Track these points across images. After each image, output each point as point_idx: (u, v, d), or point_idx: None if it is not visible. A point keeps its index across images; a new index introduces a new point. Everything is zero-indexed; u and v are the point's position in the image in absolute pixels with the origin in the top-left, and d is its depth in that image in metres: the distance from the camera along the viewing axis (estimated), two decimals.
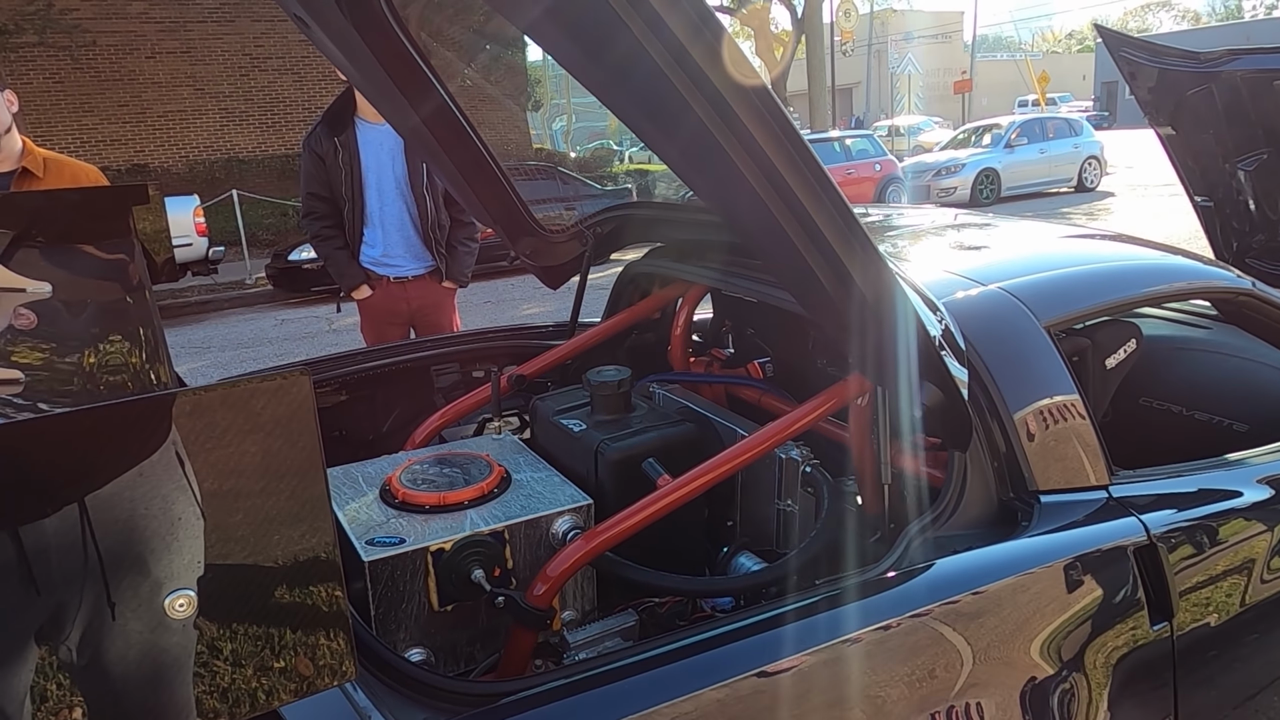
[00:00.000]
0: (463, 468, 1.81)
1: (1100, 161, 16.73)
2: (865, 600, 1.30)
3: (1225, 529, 1.66)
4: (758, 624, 1.25)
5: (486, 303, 9.13)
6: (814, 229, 1.23)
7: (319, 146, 3.40)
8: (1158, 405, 2.58)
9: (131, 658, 0.70)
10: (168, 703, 0.73)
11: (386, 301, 3.54)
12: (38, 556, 0.65)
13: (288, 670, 0.77)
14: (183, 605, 0.66)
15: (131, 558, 0.69)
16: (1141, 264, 2.03)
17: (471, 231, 3.61)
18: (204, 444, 0.67)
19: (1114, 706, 1.45)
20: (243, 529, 0.70)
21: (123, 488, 0.68)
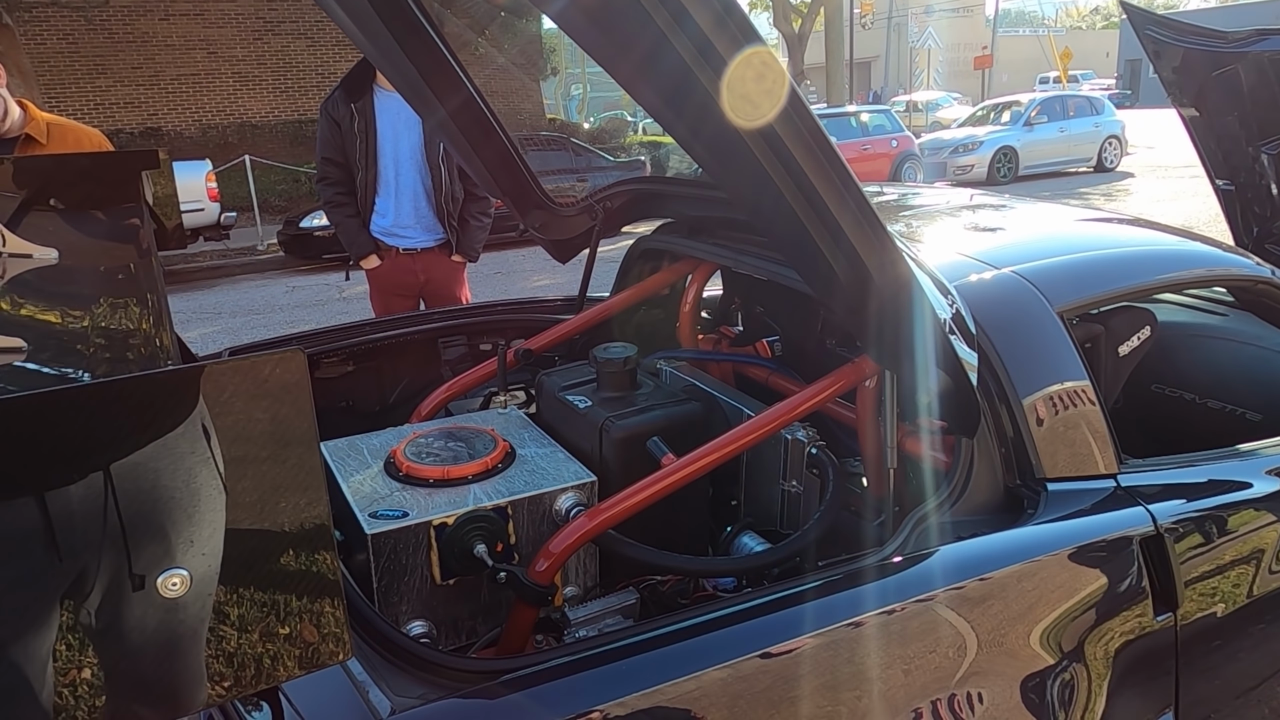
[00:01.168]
0: (467, 442, 1.81)
1: (1121, 141, 16.48)
2: (868, 585, 1.29)
3: (1234, 520, 1.65)
4: (759, 606, 1.24)
5: (497, 274, 9.11)
6: (822, 207, 1.21)
7: (335, 112, 3.38)
8: (1170, 393, 2.55)
9: (149, 625, 0.70)
10: (181, 670, 0.73)
11: (395, 273, 3.52)
12: (62, 523, 0.65)
13: (293, 638, 0.77)
14: (175, 585, 0.66)
15: (153, 526, 0.69)
16: (1158, 250, 1.99)
17: (485, 206, 3.58)
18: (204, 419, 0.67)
19: (1114, 696, 1.45)
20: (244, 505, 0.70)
21: (146, 458, 0.68)
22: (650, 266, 2.61)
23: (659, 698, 1.10)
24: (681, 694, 1.11)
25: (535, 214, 2.50)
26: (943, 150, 15.61)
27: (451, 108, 2.19)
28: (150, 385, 0.70)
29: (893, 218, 2.32)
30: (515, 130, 2.47)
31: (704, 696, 1.12)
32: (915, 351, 1.41)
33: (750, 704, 1.14)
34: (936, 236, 2.14)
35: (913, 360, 1.44)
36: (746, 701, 1.14)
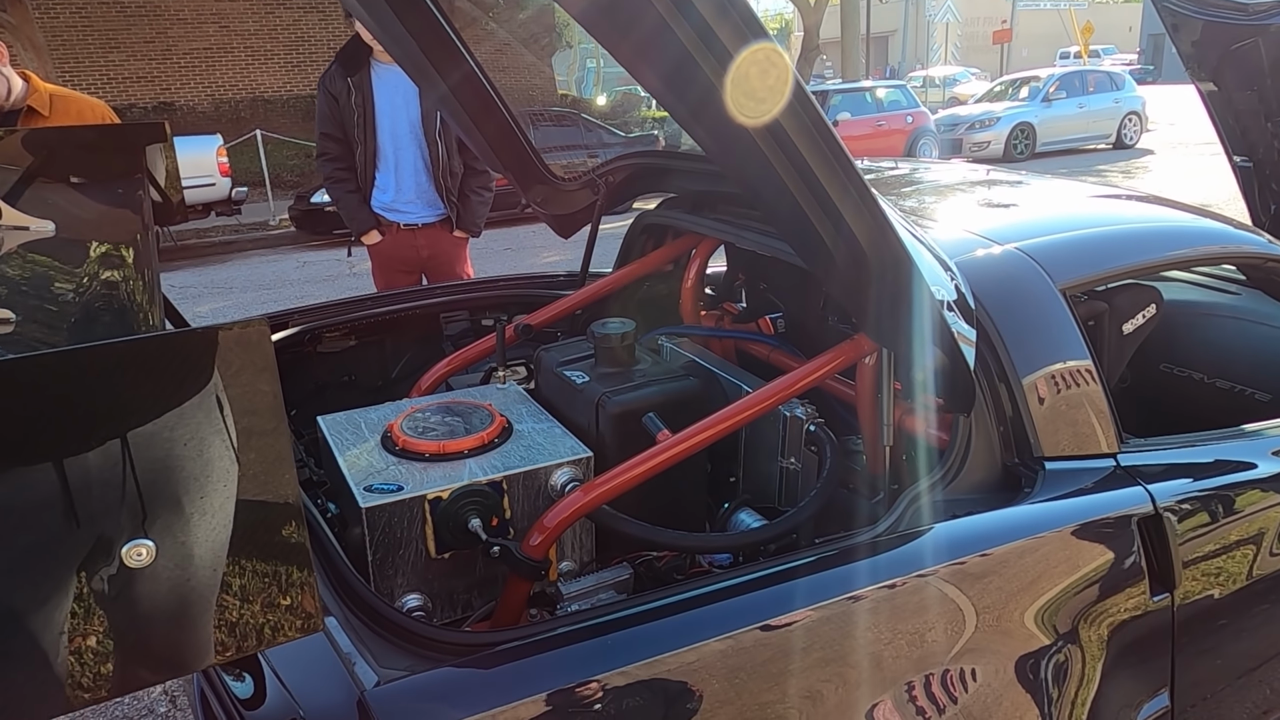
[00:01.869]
0: (464, 417, 1.80)
1: (1141, 117, 16.22)
2: (858, 561, 1.29)
3: (1235, 501, 1.63)
4: (750, 582, 1.24)
5: (506, 249, 9.10)
6: (816, 184, 1.20)
7: (333, 86, 3.35)
8: (1179, 372, 2.52)
9: (160, 593, 0.71)
10: (190, 637, 0.74)
11: (397, 249, 3.50)
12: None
13: (294, 608, 0.77)
14: (140, 555, 0.66)
15: (167, 494, 0.69)
16: (1164, 226, 1.96)
17: (486, 180, 3.54)
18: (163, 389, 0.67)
19: (1109, 675, 1.44)
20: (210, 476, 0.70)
21: (161, 427, 0.69)
22: (653, 242, 2.59)
23: (657, 669, 1.10)
24: (681, 665, 1.11)
25: (537, 189, 2.49)
26: (959, 126, 15.42)
27: (452, 81, 2.17)
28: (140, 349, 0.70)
29: (903, 193, 2.29)
30: (526, 106, 2.44)
31: (702, 668, 1.12)
32: (910, 328, 1.40)
33: (745, 677, 1.14)
34: (944, 212, 2.12)
35: (908, 337, 1.42)
36: (742, 674, 1.14)
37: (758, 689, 1.15)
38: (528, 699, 1.03)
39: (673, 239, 2.55)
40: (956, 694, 1.30)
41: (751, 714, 1.15)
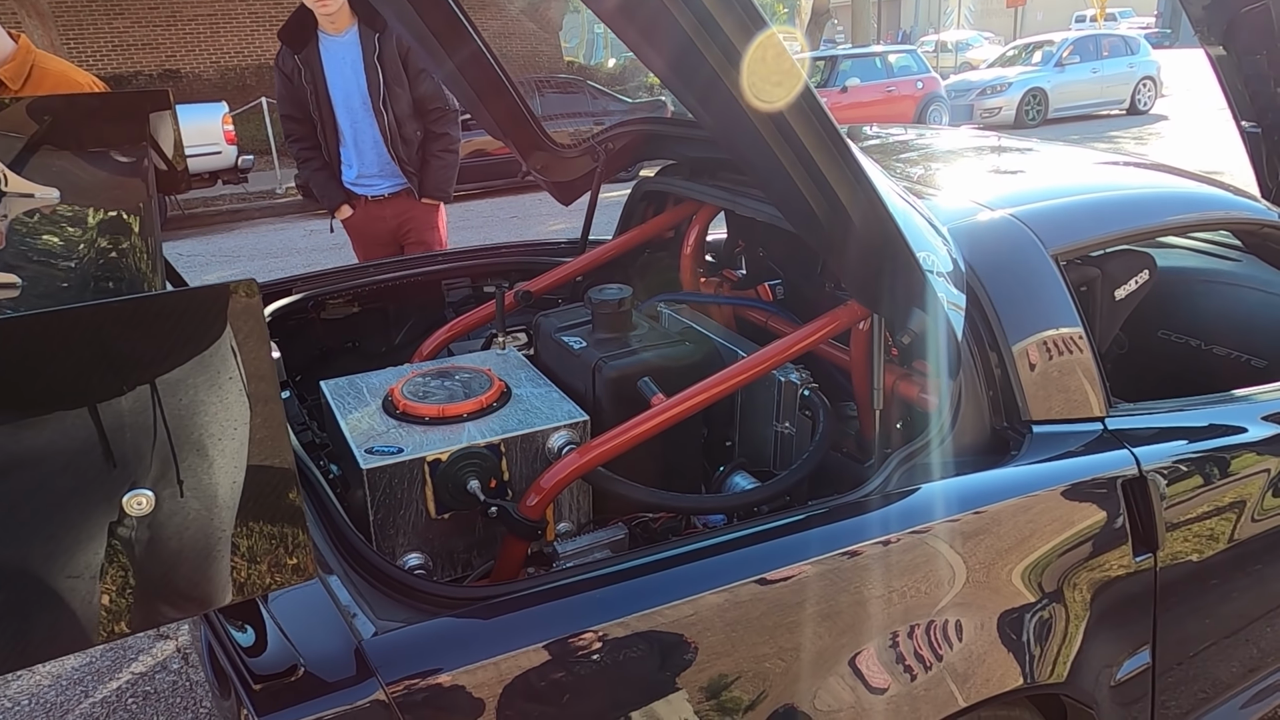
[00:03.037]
0: (464, 381, 1.84)
1: (1156, 83, 15.97)
2: (845, 521, 1.32)
3: (1221, 465, 1.65)
4: (737, 539, 1.27)
5: (513, 218, 9.09)
6: (806, 156, 1.21)
7: (284, 65, 3.25)
8: (1177, 339, 2.53)
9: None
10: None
11: (369, 222, 3.45)
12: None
13: (256, 558, 0.81)
14: (140, 504, 0.70)
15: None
16: (1159, 192, 1.96)
17: (447, 143, 3.41)
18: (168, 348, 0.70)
19: (1090, 633, 1.47)
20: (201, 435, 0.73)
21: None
22: (653, 209, 2.60)
23: (648, 622, 1.13)
24: (676, 618, 1.14)
25: (537, 156, 2.50)
26: (970, 92, 15.22)
27: (450, 47, 2.18)
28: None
29: (909, 160, 2.29)
30: (532, 74, 2.39)
31: (695, 622, 1.16)
32: (895, 293, 1.42)
33: (740, 629, 1.18)
34: (944, 179, 2.12)
35: (893, 302, 1.44)
36: (739, 627, 1.18)
37: (753, 641, 1.19)
38: (519, 650, 1.07)
39: (673, 206, 2.56)
40: (941, 648, 1.34)
41: (746, 665, 1.19)
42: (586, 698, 1.10)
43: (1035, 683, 1.40)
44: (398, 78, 3.23)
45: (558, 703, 1.08)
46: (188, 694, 2.37)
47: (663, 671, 1.15)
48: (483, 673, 1.05)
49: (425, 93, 3.30)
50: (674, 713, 1.15)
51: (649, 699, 1.14)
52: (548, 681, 1.08)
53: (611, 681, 1.12)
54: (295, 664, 0.99)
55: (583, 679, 1.10)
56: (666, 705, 1.14)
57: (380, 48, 3.19)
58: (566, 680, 1.09)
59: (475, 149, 10.22)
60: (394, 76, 3.22)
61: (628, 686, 1.13)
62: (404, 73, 3.24)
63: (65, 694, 2.39)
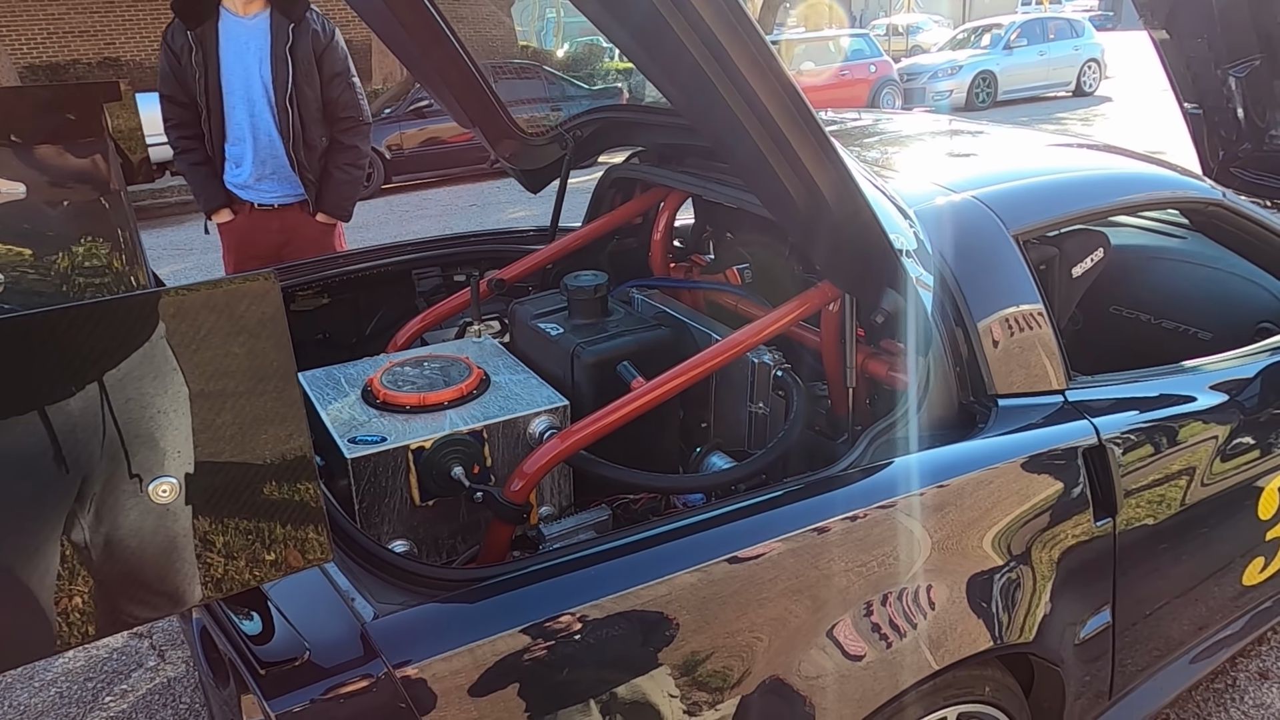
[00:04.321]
0: (442, 369, 1.85)
1: (1100, 65, 16.32)
2: (824, 494, 1.37)
3: (1174, 432, 1.73)
4: (718, 517, 1.31)
5: (472, 206, 9.02)
6: (782, 139, 1.25)
7: (174, 42, 2.93)
8: (1128, 314, 2.63)
9: (148, 528, 0.75)
10: (179, 568, 0.79)
11: (251, 232, 3.07)
12: (65, 435, 0.69)
13: (276, 540, 0.82)
14: (165, 491, 0.71)
15: (144, 435, 0.73)
16: (1113, 173, 2.04)
17: (355, 156, 3.08)
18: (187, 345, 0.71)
19: (1055, 595, 1.55)
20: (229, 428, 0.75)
21: (131, 370, 0.72)
22: (622, 195, 2.62)
23: (623, 604, 1.17)
24: (645, 600, 1.18)
25: (505, 143, 2.50)
26: (921, 75, 15.42)
27: (415, 33, 2.17)
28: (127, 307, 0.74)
29: (866, 144, 2.34)
30: (486, 59, 2.38)
31: (670, 601, 1.20)
32: (868, 274, 1.46)
33: (715, 606, 1.22)
34: (905, 162, 2.18)
35: (866, 282, 1.49)
36: (713, 604, 1.22)
37: (728, 618, 1.23)
38: (518, 628, 1.10)
39: (641, 192, 2.58)
40: (914, 615, 1.40)
41: (731, 639, 1.23)
42: (584, 672, 1.14)
43: (1005, 643, 1.47)
44: (308, 77, 2.95)
45: (557, 677, 1.12)
46: (165, 690, 2.36)
47: (652, 646, 1.19)
48: (483, 650, 1.07)
49: (338, 98, 3.02)
50: (659, 686, 1.19)
51: (641, 673, 1.18)
52: (546, 658, 1.11)
53: (605, 656, 1.16)
54: (301, 648, 1.01)
55: (580, 654, 1.13)
56: (653, 679, 1.18)
57: (294, 39, 2.91)
58: (564, 656, 1.12)
59: (430, 136, 10.12)
60: (304, 75, 2.94)
61: (622, 661, 1.17)
62: (316, 73, 2.96)
63: (39, 695, 2.36)
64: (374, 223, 8.50)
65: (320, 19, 3.01)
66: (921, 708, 1.43)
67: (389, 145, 9.92)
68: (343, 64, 3.04)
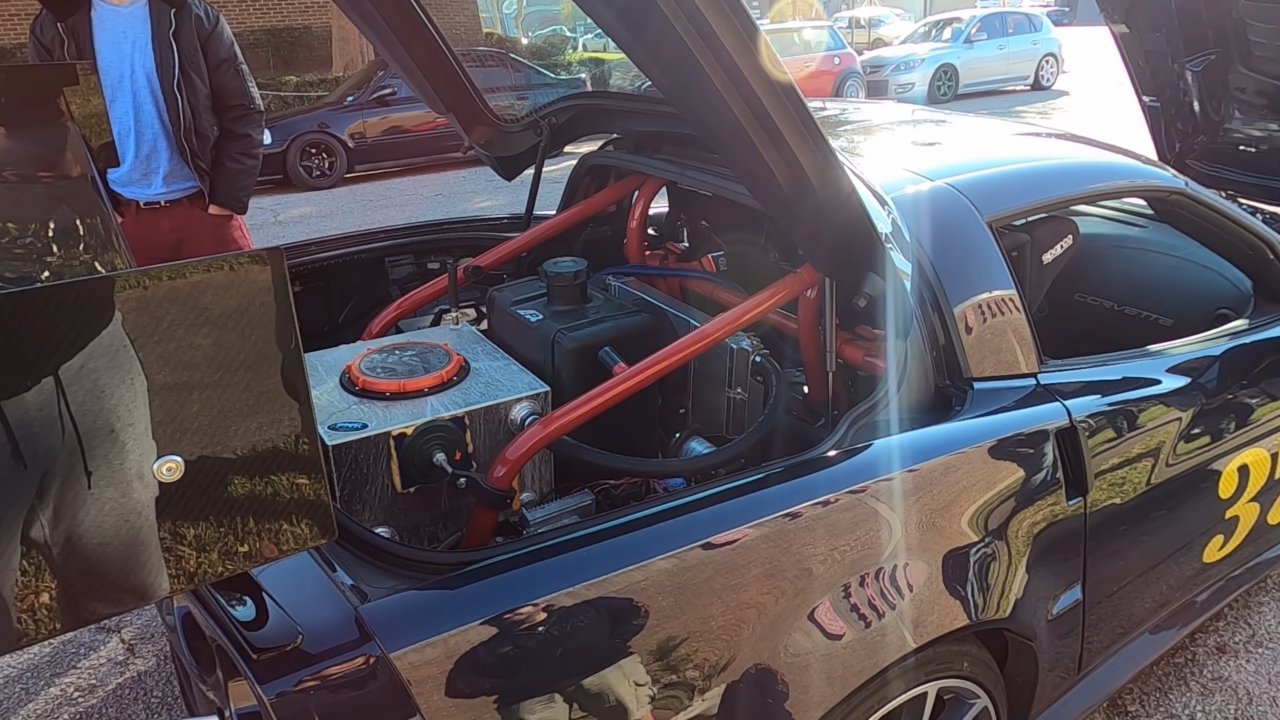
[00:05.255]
0: (421, 356, 1.84)
1: (1058, 59, 16.62)
2: (806, 477, 1.39)
3: (1141, 414, 1.79)
4: (702, 500, 1.33)
5: (438, 195, 8.94)
6: (769, 122, 1.26)
7: (43, 35, 2.73)
8: (1091, 300, 2.70)
9: (108, 524, 0.74)
10: (144, 562, 0.77)
11: (140, 231, 2.89)
12: (22, 430, 0.68)
13: (280, 521, 0.81)
14: (170, 470, 0.70)
15: (102, 427, 0.71)
16: (1081, 163, 2.09)
17: (247, 145, 2.96)
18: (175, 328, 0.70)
19: (1030, 573, 1.59)
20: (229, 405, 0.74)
21: (88, 359, 0.70)
22: (596, 183, 2.62)
23: (608, 587, 1.18)
24: (630, 583, 1.19)
25: (480, 130, 2.49)
26: (884, 68, 15.57)
27: (391, 18, 2.15)
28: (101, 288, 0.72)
29: (835, 133, 2.37)
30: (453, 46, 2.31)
31: (651, 585, 1.20)
32: (852, 259, 1.48)
33: (693, 592, 1.23)
34: (876, 150, 2.21)
35: (848, 265, 1.51)
36: (690, 590, 1.23)
37: (703, 603, 1.24)
38: (511, 609, 1.10)
39: (615, 180, 2.58)
40: (893, 595, 1.42)
41: (695, 626, 1.24)
42: (577, 652, 1.14)
43: (981, 620, 1.51)
44: (194, 63, 2.83)
45: (551, 658, 1.12)
46: (136, 684, 2.32)
47: (636, 629, 1.19)
48: (476, 633, 1.08)
49: (226, 86, 2.90)
50: (644, 669, 1.20)
51: (629, 655, 1.19)
52: (539, 639, 1.12)
53: (595, 638, 1.17)
54: (294, 633, 1.00)
55: (572, 635, 1.14)
56: (639, 661, 1.19)
57: (176, 24, 2.79)
58: (557, 637, 1.13)
59: (392, 125, 9.99)
60: (189, 61, 2.82)
61: (611, 644, 1.18)
62: (202, 60, 2.84)
63: (4, 691, 2.31)
64: (338, 212, 8.38)
65: (203, 5, 2.88)
66: (902, 684, 1.46)
67: (351, 133, 9.77)
68: (229, 50, 2.90)
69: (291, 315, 0.75)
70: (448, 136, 10.10)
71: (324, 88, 12.95)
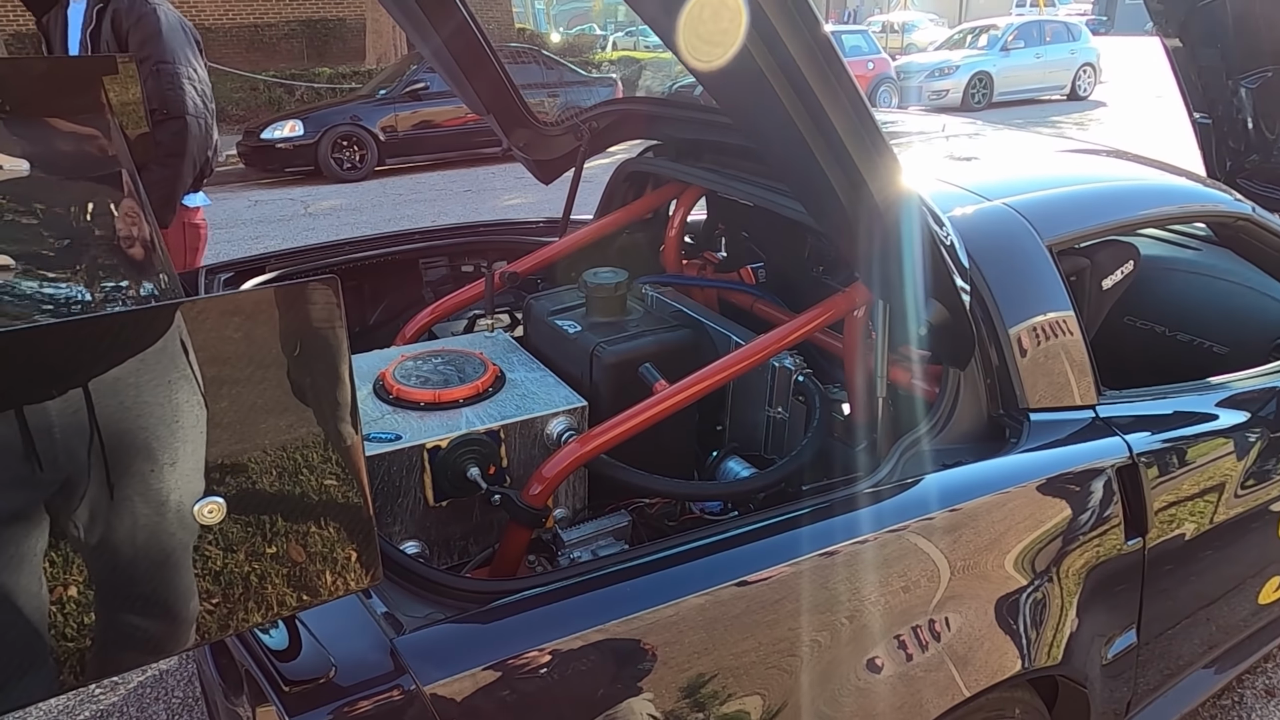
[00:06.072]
0: (457, 365, 1.80)
1: (1095, 69, 16.38)
2: (860, 510, 1.33)
3: (1201, 450, 1.71)
4: (754, 531, 1.27)
5: (466, 192, 8.93)
6: (837, 143, 1.20)
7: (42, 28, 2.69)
8: (1142, 325, 2.61)
9: (140, 540, 0.70)
10: (175, 586, 0.74)
11: None
12: (40, 435, 0.64)
13: (324, 563, 0.77)
14: (211, 512, 0.66)
15: (137, 443, 0.68)
16: (1144, 185, 2.01)
17: (162, 154, 2.64)
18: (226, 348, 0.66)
19: (1083, 614, 1.52)
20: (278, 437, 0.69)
21: (126, 374, 0.67)
22: (635, 190, 2.57)
23: (641, 622, 1.12)
24: (662, 619, 1.13)
25: (520, 133, 2.44)
26: (918, 74, 15.40)
27: (434, 16, 2.11)
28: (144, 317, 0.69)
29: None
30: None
31: (681, 621, 1.14)
32: (913, 282, 1.42)
33: (731, 629, 1.17)
34: (924, 164, 2.14)
35: (909, 291, 1.45)
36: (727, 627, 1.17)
37: (751, 641, 1.19)
38: (551, 643, 1.05)
39: (653, 188, 2.53)
40: (945, 639, 1.36)
41: (728, 663, 1.18)
42: (620, 689, 1.09)
43: (1033, 666, 1.44)
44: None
45: (594, 694, 1.07)
46: (158, 684, 2.30)
47: (694, 661, 1.14)
48: (513, 666, 1.03)
49: (147, 89, 2.57)
50: (675, 709, 1.14)
51: (659, 693, 1.13)
52: (580, 674, 1.07)
53: (636, 675, 1.12)
54: (327, 665, 0.96)
55: (615, 672, 1.09)
56: (670, 698, 1.14)
57: (96, 21, 2.59)
58: (598, 673, 1.08)
59: (423, 119, 9.99)
60: None
61: (652, 681, 1.13)
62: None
63: None
64: (367, 205, 8.39)
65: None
66: None
67: (382, 127, 9.78)
68: (147, 49, 2.61)
69: (345, 349, 0.71)
70: (477, 132, 10.08)
71: (356, 80, 13.00)
